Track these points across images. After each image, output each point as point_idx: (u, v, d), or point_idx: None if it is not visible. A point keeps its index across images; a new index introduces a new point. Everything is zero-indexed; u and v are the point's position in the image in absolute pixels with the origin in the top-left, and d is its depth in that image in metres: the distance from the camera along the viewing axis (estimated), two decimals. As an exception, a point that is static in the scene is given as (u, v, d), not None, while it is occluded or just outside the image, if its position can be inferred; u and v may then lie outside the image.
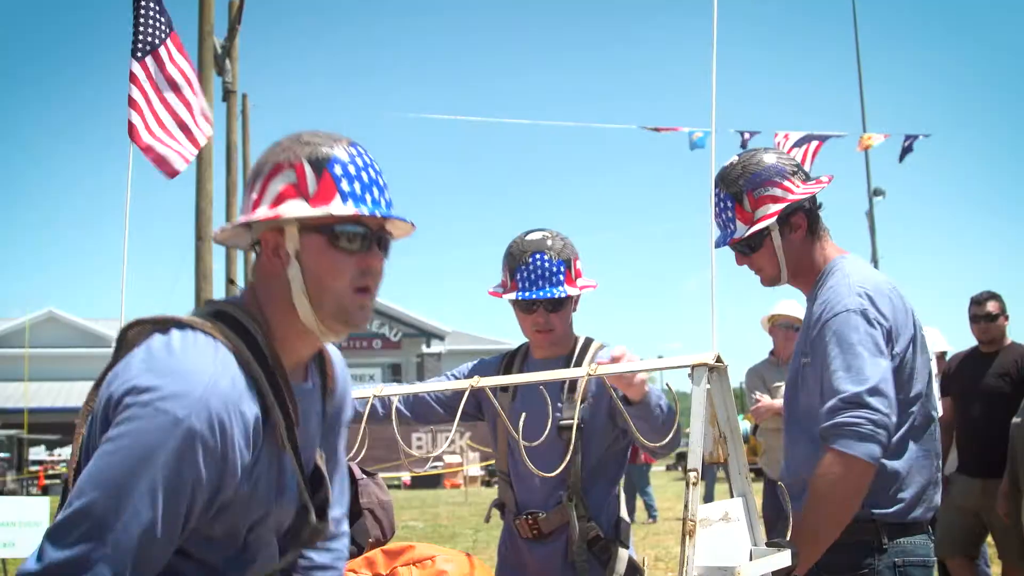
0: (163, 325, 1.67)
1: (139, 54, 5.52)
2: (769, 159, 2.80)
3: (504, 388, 3.10)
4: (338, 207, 1.71)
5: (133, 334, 1.71)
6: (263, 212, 1.74)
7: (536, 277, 3.06)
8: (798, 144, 12.17)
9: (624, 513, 3.20)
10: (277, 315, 1.77)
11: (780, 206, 2.74)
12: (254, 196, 1.77)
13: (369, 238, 1.76)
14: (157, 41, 5.61)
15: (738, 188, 2.77)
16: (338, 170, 1.74)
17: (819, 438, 2.54)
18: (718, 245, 2.81)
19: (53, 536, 1.47)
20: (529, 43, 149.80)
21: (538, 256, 3.07)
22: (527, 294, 3.06)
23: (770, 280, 2.88)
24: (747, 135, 13.10)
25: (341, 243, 1.73)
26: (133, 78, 5.45)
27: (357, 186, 1.75)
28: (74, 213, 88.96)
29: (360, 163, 1.78)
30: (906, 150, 13.96)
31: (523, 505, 3.13)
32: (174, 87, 5.69)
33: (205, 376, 1.56)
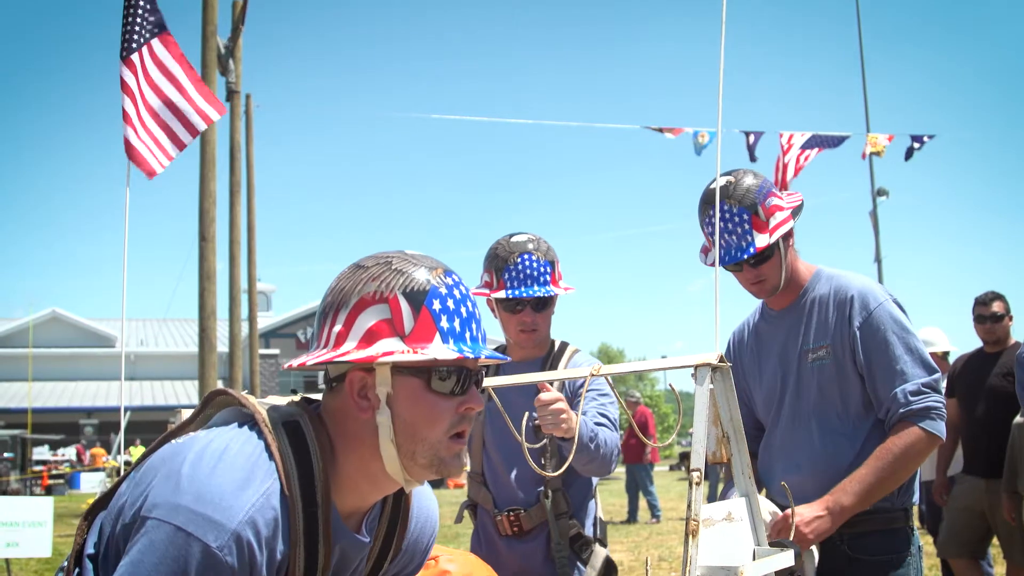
0: (240, 417, 1.63)
1: (124, 54, 5.56)
2: (757, 176, 2.89)
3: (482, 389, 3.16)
4: (440, 350, 1.54)
5: (216, 404, 1.71)
6: (354, 351, 1.55)
7: (524, 277, 3.12)
8: (806, 147, 12.18)
9: (600, 512, 3.25)
10: (352, 456, 1.60)
11: (787, 213, 2.85)
12: (338, 328, 1.58)
13: (468, 379, 1.60)
14: (142, 40, 5.62)
15: (752, 200, 2.81)
16: (436, 306, 1.57)
17: (897, 419, 2.71)
18: (736, 259, 2.82)
19: None
20: (532, 43, 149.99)
21: (526, 256, 3.14)
22: (516, 292, 3.12)
23: (771, 290, 2.92)
24: (751, 135, 13.10)
25: (440, 387, 1.56)
26: (124, 85, 5.51)
27: (457, 323, 1.58)
28: (77, 213, 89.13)
29: (458, 295, 1.61)
30: (912, 150, 13.96)
31: (502, 503, 3.16)
32: (155, 89, 5.72)
33: (243, 511, 1.44)
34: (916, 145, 14.01)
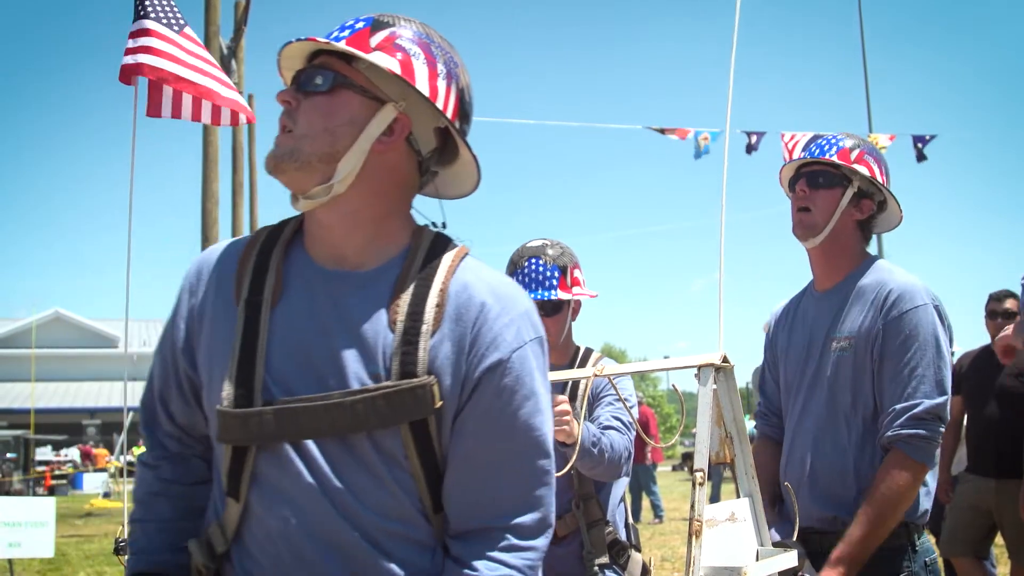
0: None
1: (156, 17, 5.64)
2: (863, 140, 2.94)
3: None
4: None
5: None
6: None
7: (529, 281, 3.08)
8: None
9: (630, 517, 3.22)
10: None
11: (868, 173, 2.80)
12: None
13: (293, 79, 1.65)
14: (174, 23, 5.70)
15: (854, 143, 2.83)
16: None
17: (889, 440, 2.57)
18: (807, 151, 2.90)
19: None
20: (533, 42, 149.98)
21: (534, 261, 3.11)
22: None
23: (810, 225, 2.82)
24: (753, 136, 13.10)
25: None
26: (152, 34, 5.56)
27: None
28: (80, 213, 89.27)
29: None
30: (921, 153, 13.93)
31: None
32: (198, 59, 5.78)
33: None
34: (919, 145, 14.00)
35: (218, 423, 1.57)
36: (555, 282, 3.08)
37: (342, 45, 1.58)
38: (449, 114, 1.63)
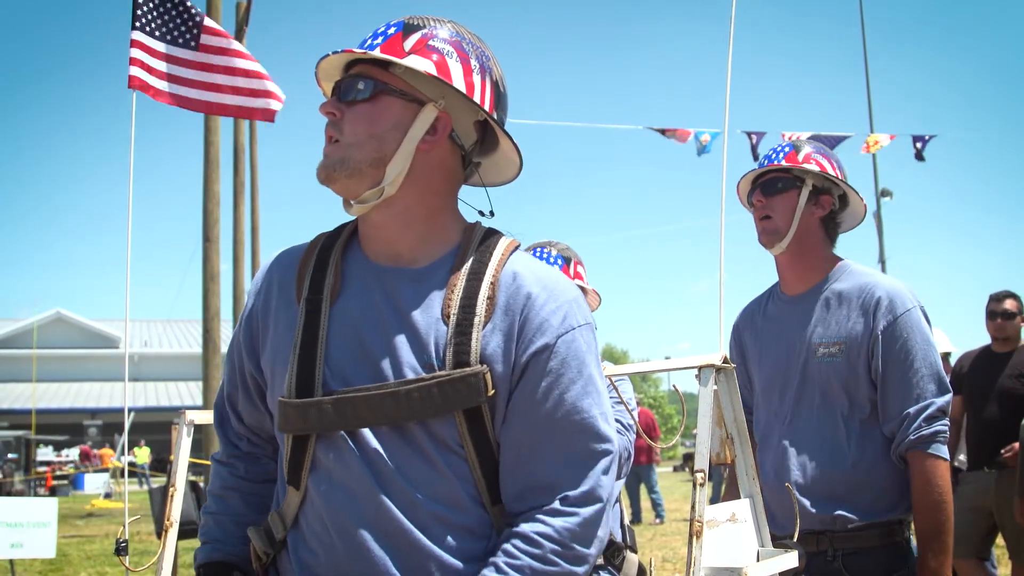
0: None
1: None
2: (826, 150, 2.94)
3: None
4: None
5: None
6: None
7: None
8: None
9: (626, 518, 3.22)
10: None
11: (820, 170, 2.83)
12: None
13: (332, 91, 1.71)
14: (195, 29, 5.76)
15: (802, 145, 2.90)
16: None
17: (909, 445, 2.61)
18: (758, 162, 2.92)
19: None
20: (535, 42, 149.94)
21: (539, 250, 3.23)
22: None
23: (773, 231, 2.84)
24: (754, 136, 13.09)
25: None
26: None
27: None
28: (81, 214, 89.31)
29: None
30: (920, 153, 13.93)
31: None
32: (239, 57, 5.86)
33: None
34: (919, 145, 13.99)
35: (279, 413, 1.65)
36: (559, 269, 3.13)
37: (377, 53, 1.64)
38: (487, 107, 1.70)
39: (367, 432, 1.58)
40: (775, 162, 2.86)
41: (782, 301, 2.94)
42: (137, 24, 5.48)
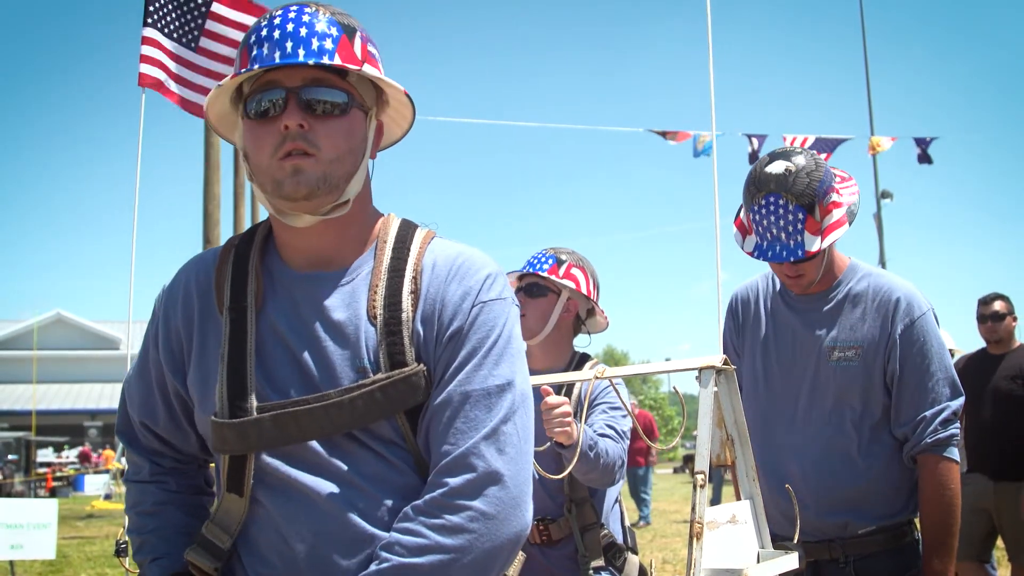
0: None
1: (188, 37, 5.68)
2: (819, 163, 2.65)
3: None
4: (230, 73, 1.55)
5: None
6: None
7: (526, 262, 3.20)
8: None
9: (627, 520, 3.22)
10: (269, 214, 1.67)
11: (843, 212, 2.64)
12: None
13: (286, 98, 1.54)
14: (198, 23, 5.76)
15: (810, 199, 2.57)
16: (252, 39, 1.58)
17: (924, 448, 2.60)
18: (781, 259, 2.62)
19: None
20: (536, 45, 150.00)
21: (542, 251, 3.24)
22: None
23: (808, 284, 2.73)
24: (756, 139, 13.10)
25: (253, 112, 1.56)
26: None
27: (266, 47, 1.55)
28: (82, 216, 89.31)
29: (279, 21, 1.57)
30: (923, 156, 13.94)
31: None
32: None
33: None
34: (922, 147, 13.99)
35: (215, 435, 1.57)
36: (545, 266, 3.13)
37: (370, 70, 1.60)
38: (398, 85, 1.64)
39: (313, 442, 1.54)
40: (796, 256, 2.61)
41: (791, 299, 2.84)
42: (149, 20, 5.48)
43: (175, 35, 5.67)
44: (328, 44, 1.56)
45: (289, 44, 1.54)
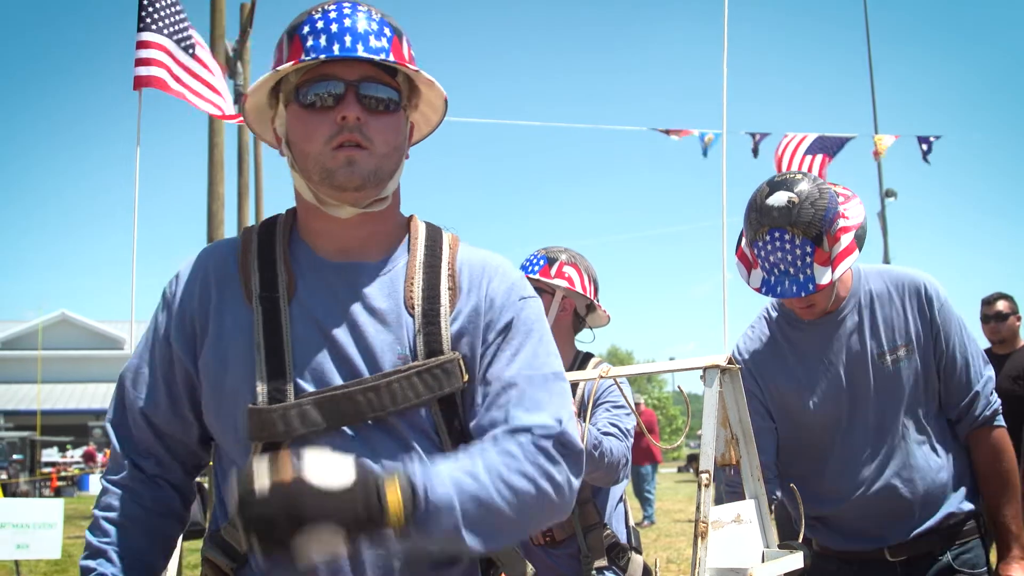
0: None
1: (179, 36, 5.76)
2: (821, 187, 2.56)
3: None
4: (286, 63, 1.60)
5: None
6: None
7: (523, 264, 3.23)
8: (810, 151, 12.19)
9: (631, 519, 3.22)
10: (299, 203, 1.72)
11: (851, 237, 2.56)
12: None
13: (345, 90, 1.59)
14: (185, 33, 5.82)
15: (817, 230, 2.48)
16: (306, 30, 1.61)
17: (984, 421, 2.67)
18: (792, 295, 2.53)
19: None
20: (539, 44, 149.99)
21: (532, 254, 3.27)
22: None
23: (820, 313, 2.66)
24: (758, 136, 13.08)
25: (307, 100, 1.60)
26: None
27: (323, 39, 1.59)
28: (86, 216, 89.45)
29: (335, 15, 1.62)
30: (926, 154, 13.92)
31: None
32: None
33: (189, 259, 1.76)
34: (924, 146, 13.97)
35: (252, 421, 1.57)
36: (536, 268, 3.15)
37: (427, 76, 1.65)
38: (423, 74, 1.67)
39: (347, 430, 1.57)
40: (807, 291, 2.53)
41: (801, 324, 2.73)
42: (142, 25, 5.51)
43: (175, 36, 5.71)
44: (384, 43, 1.62)
45: (348, 39, 1.59)
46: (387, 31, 1.64)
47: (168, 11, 5.68)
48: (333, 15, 1.62)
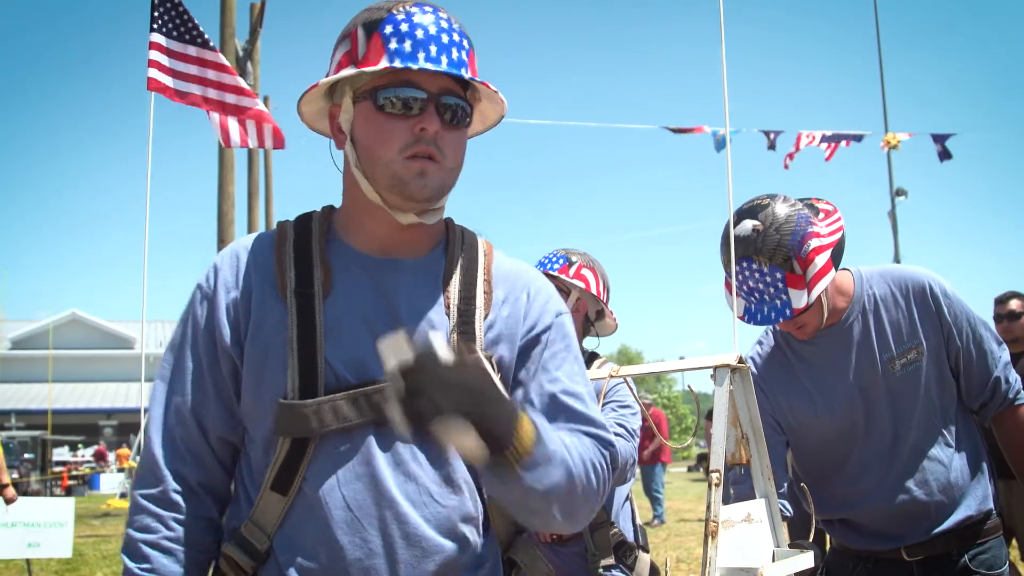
0: None
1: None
2: (790, 209, 2.55)
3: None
4: (373, 66, 1.59)
5: None
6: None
7: (538, 263, 3.25)
8: (825, 140, 12.17)
9: (638, 518, 3.23)
10: (347, 193, 1.72)
11: (827, 255, 2.54)
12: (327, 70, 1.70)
13: (426, 101, 1.59)
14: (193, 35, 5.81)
15: (785, 255, 2.49)
16: (388, 30, 1.60)
17: (1009, 403, 2.67)
18: (769, 322, 2.55)
19: None
20: (550, 43, 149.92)
21: (553, 251, 3.30)
22: None
23: (814, 331, 2.65)
24: (772, 134, 13.07)
25: (387, 107, 1.59)
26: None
27: (408, 44, 1.59)
28: (97, 215, 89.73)
29: (420, 20, 1.61)
30: (942, 153, 13.86)
31: None
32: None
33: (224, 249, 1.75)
34: (939, 147, 13.91)
35: (283, 416, 1.57)
36: (556, 265, 3.18)
37: (501, 96, 1.69)
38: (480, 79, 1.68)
39: (371, 434, 1.58)
40: (784, 317, 2.54)
41: (811, 339, 2.71)
42: (155, 26, 5.52)
43: (186, 36, 5.71)
44: (464, 55, 1.64)
45: (433, 48, 1.60)
46: (465, 43, 1.65)
47: (178, 11, 5.69)
48: (417, 18, 1.61)
